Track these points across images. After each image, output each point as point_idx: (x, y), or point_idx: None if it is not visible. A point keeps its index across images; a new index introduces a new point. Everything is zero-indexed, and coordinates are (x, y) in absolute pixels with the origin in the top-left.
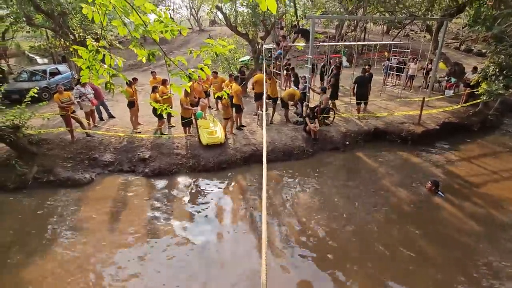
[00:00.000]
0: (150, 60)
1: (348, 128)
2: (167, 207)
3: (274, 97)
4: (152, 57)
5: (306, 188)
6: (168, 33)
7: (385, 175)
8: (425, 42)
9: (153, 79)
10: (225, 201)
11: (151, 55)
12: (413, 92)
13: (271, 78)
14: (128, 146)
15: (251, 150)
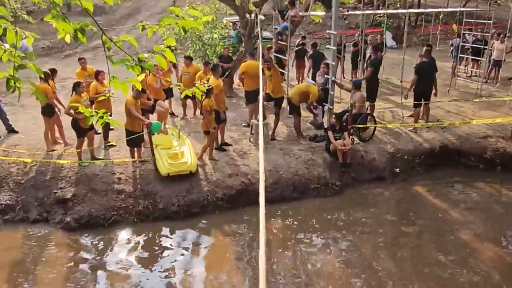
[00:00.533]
0: (77, 40)
1: (398, 146)
2: (98, 284)
3: (276, 97)
4: (81, 34)
5: (332, 246)
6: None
7: (462, 223)
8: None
9: (81, 70)
10: (196, 273)
11: (80, 32)
12: (501, 87)
13: (272, 67)
14: (39, 179)
15: (240, 183)
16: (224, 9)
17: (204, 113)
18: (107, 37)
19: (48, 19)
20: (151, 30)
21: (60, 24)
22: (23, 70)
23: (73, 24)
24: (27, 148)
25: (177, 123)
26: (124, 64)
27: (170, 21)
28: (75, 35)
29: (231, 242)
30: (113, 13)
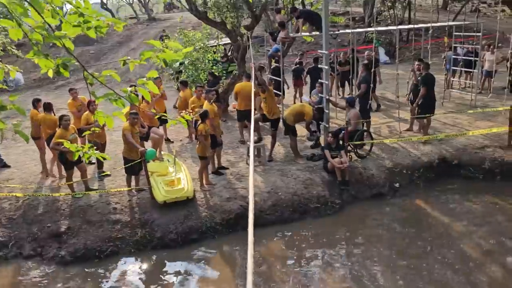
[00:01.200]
0: (59, 74)
1: (396, 161)
2: None
3: (272, 118)
4: (63, 69)
5: (334, 265)
6: (92, 30)
7: (465, 236)
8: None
9: (72, 100)
10: None
11: (62, 67)
12: (495, 97)
13: (266, 89)
14: (32, 213)
15: (238, 207)
16: (216, 34)
17: (199, 138)
18: (89, 73)
19: (29, 56)
20: (132, 64)
21: (42, 60)
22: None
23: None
24: (19, 182)
25: (173, 149)
26: (107, 98)
27: (150, 54)
28: (57, 70)
29: (231, 268)
30: (105, 42)
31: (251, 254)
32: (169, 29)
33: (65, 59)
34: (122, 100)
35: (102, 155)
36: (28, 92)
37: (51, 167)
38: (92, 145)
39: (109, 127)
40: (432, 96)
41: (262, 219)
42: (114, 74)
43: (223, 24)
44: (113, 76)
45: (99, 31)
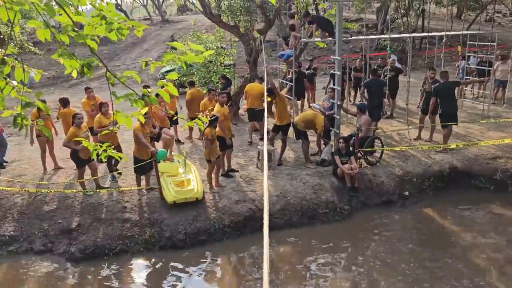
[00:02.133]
0: (83, 75)
1: (406, 169)
2: None
3: (282, 124)
4: (87, 69)
5: (341, 272)
6: (113, 33)
7: (475, 247)
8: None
9: (87, 99)
10: None
11: (86, 67)
12: (508, 108)
13: (277, 95)
14: (43, 209)
15: (247, 210)
16: (229, 37)
17: (205, 142)
18: (111, 73)
19: (55, 56)
20: (153, 66)
21: (67, 61)
22: None
23: (80, 61)
24: (32, 178)
25: (183, 150)
26: (127, 99)
27: (171, 56)
28: (81, 70)
29: (239, 270)
30: (119, 43)
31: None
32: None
33: (90, 59)
34: (141, 101)
35: (119, 154)
36: (42, 90)
37: (44, 163)
38: (110, 144)
39: (127, 128)
40: (451, 104)
41: (270, 222)
42: (135, 75)
43: (236, 27)
44: (133, 77)
45: (119, 34)
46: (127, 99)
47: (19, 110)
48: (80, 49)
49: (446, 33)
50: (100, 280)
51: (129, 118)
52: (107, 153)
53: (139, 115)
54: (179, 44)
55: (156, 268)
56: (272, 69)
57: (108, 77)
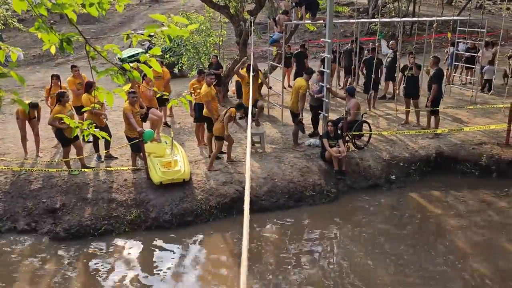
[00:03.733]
0: (63, 50)
1: (393, 153)
2: None
3: None
4: (67, 45)
5: (327, 254)
6: (94, 8)
7: (458, 230)
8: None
9: (73, 77)
10: (189, 283)
11: (66, 42)
12: (495, 94)
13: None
14: (27, 188)
15: (234, 191)
16: (219, 18)
17: (224, 118)
18: (91, 47)
19: (33, 30)
20: (136, 39)
21: (45, 35)
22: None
23: (60, 34)
24: (16, 156)
25: (171, 131)
26: (109, 74)
27: (154, 29)
28: (60, 45)
29: (225, 251)
30: (107, 22)
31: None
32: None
33: (69, 34)
34: (122, 77)
35: (101, 133)
36: (27, 68)
37: (25, 146)
38: (91, 122)
39: (109, 105)
40: (441, 91)
41: (257, 204)
42: (116, 49)
43: (226, 8)
44: (115, 51)
45: (100, 8)
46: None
47: None
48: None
49: (436, 18)
50: (85, 259)
51: (111, 95)
52: (89, 131)
53: (122, 92)
54: (162, 16)
55: (141, 248)
56: (262, 52)
57: (88, 51)
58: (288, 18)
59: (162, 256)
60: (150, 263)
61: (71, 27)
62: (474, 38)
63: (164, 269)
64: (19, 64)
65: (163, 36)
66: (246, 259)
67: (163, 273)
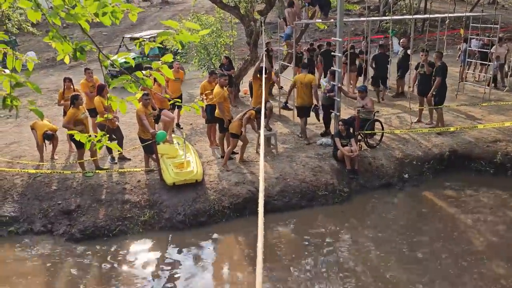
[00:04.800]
0: (76, 59)
1: (406, 152)
2: None
3: None
4: (80, 54)
5: (340, 254)
6: (107, 17)
7: (473, 230)
8: None
9: (85, 80)
10: (202, 283)
11: (79, 51)
12: (509, 91)
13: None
14: (43, 190)
15: (247, 191)
16: (229, 18)
17: (244, 119)
18: (104, 55)
19: (47, 40)
20: (148, 46)
21: (59, 45)
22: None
23: (73, 43)
24: (31, 159)
25: (183, 132)
26: (121, 83)
27: (166, 36)
28: (74, 54)
29: (238, 251)
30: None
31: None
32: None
33: (83, 43)
34: (135, 85)
35: (114, 145)
36: (41, 71)
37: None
38: (104, 133)
39: (122, 113)
40: (445, 86)
41: (269, 204)
42: (128, 58)
43: (236, 8)
44: (127, 60)
45: (113, 17)
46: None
47: (9, 90)
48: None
49: (448, 15)
50: (100, 260)
51: (124, 103)
52: (103, 143)
53: (134, 100)
54: (173, 22)
55: (155, 249)
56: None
57: (101, 61)
58: (294, 10)
59: (176, 257)
60: (164, 263)
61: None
62: (487, 34)
63: (177, 269)
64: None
65: (175, 42)
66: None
67: (177, 273)
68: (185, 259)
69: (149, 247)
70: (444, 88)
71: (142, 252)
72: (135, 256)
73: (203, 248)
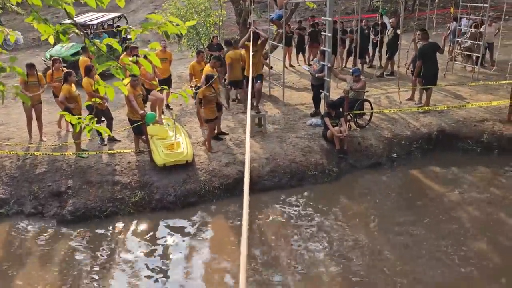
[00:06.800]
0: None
1: (395, 131)
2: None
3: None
4: (63, 36)
5: (329, 233)
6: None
7: (459, 207)
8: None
9: (85, 57)
10: (193, 262)
11: (62, 34)
12: (498, 71)
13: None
14: (32, 172)
15: (237, 172)
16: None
17: (197, 103)
18: (90, 41)
19: (28, 20)
20: (134, 33)
21: (41, 26)
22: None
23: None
24: (20, 141)
25: (172, 113)
26: (108, 68)
27: (151, 26)
28: (57, 36)
29: (228, 231)
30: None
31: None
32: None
33: (65, 26)
34: (122, 71)
35: (103, 128)
36: (27, 51)
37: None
38: (92, 117)
39: (110, 99)
40: (432, 67)
41: (260, 184)
42: (115, 43)
43: None
44: (114, 46)
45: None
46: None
47: None
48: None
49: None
50: (91, 241)
51: (111, 89)
52: (91, 126)
53: (121, 85)
54: (159, 16)
55: (146, 230)
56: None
57: (88, 45)
58: None
59: (167, 237)
60: (155, 244)
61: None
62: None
63: (168, 249)
64: (19, 48)
65: (160, 32)
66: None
67: (168, 253)
68: (176, 240)
69: (140, 228)
70: (431, 70)
71: (133, 232)
72: (126, 237)
73: (194, 228)
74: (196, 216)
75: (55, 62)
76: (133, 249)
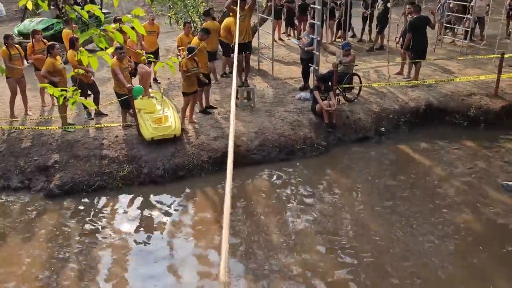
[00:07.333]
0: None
1: (383, 105)
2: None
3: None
4: (41, 2)
5: (317, 206)
6: None
7: (446, 180)
8: None
9: (68, 29)
10: (181, 236)
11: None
12: (487, 45)
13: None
14: (18, 146)
15: (225, 146)
16: None
17: (182, 74)
18: (71, 7)
19: None
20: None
21: None
22: None
23: None
24: (3, 116)
25: (160, 87)
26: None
27: None
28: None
29: (216, 204)
30: None
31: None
32: None
33: None
34: (105, 40)
35: (88, 101)
36: (10, 24)
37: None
38: (76, 89)
39: (93, 69)
40: (422, 40)
41: (248, 158)
42: (96, 10)
43: None
44: (96, 13)
45: None
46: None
47: None
48: None
49: None
50: (79, 215)
51: (94, 58)
52: (75, 98)
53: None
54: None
55: (135, 203)
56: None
57: (68, 12)
58: None
59: (155, 211)
60: (143, 217)
61: None
62: None
63: (156, 223)
64: (1, 20)
65: None
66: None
67: (156, 227)
68: (165, 213)
69: (128, 201)
70: (420, 43)
71: (122, 207)
72: (115, 211)
73: (182, 202)
74: (184, 190)
75: (35, 34)
76: (121, 222)
